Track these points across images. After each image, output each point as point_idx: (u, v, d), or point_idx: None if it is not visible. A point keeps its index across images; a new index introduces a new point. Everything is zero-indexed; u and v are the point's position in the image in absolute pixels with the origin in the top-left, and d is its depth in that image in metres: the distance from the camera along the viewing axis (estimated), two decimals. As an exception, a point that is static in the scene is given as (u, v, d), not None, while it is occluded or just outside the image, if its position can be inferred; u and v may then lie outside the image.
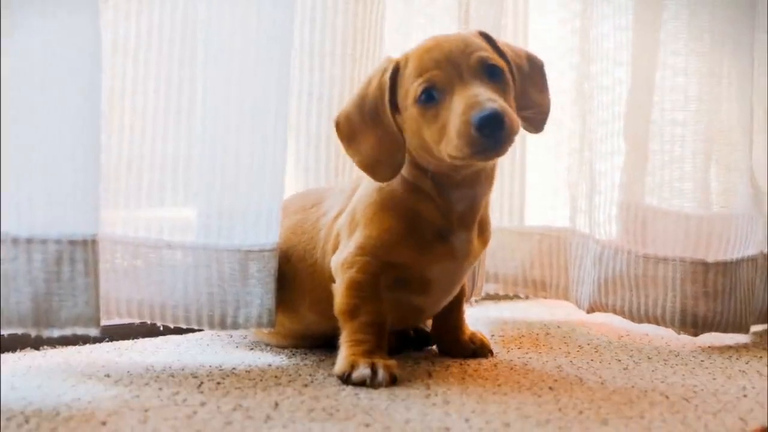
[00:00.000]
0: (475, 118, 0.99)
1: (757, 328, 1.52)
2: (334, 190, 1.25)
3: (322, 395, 1.00)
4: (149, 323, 1.19)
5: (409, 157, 1.11)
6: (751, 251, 1.43)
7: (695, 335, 1.39)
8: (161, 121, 1.17)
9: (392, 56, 1.11)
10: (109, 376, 1.07)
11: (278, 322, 1.19)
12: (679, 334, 1.40)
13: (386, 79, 1.09)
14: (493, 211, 1.25)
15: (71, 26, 1.00)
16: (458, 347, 1.24)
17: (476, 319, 1.30)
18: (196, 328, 1.19)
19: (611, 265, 1.44)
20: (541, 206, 1.66)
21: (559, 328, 1.49)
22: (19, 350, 1.20)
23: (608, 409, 0.97)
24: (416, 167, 1.11)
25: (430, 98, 1.05)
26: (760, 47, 1.52)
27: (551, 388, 1.06)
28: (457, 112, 1.01)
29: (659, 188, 1.44)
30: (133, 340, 1.30)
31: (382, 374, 1.05)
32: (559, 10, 1.59)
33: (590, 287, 1.47)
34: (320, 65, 1.36)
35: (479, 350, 1.24)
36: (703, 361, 1.26)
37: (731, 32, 1.43)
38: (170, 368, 1.12)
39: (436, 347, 1.27)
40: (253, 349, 1.26)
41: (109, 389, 1.01)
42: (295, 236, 1.20)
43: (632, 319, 1.43)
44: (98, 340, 1.26)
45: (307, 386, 1.05)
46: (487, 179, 1.13)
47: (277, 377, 1.09)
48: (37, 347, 1.21)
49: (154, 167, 1.17)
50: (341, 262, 1.12)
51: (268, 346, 1.28)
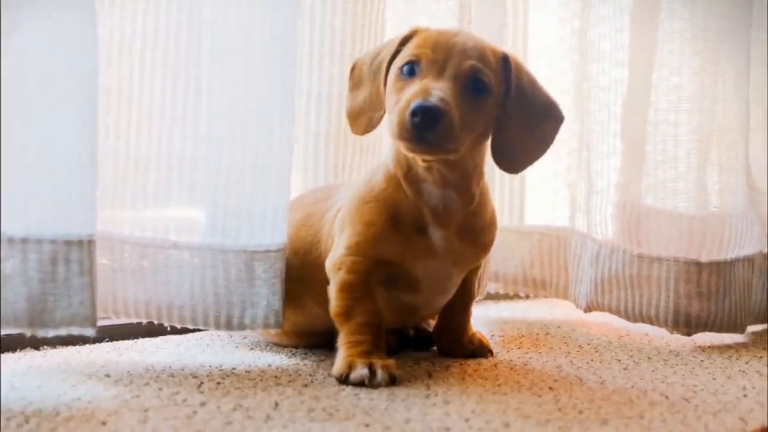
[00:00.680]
0: (413, 103, 1.01)
1: (756, 327, 1.52)
2: (344, 185, 1.26)
3: (322, 395, 1.00)
4: (149, 323, 1.19)
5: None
6: (746, 251, 1.43)
7: (688, 335, 1.40)
8: (168, 121, 1.17)
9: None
10: (109, 376, 1.07)
11: (284, 317, 1.19)
12: (672, 333, 1.41)
13: (397, 40, 1.12)
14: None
15: (68, 26, 1.00)
16: (458, 347, 1.24)
17: (476, 319, 1.30)
18: (202, 328, 1.19)
19: (607, 264, 1.44)
20: (541, 206, 1.66)
21: (559, 328, 1.49)
22: (19, 350, 1.20)
23: (608, 409, 0.97)
24: (397, 154, 1.12)
25: (410, 72, 1.07)
26: (759, 46, 1.52)
27: (551, 388, 1.06)
28: (409, 92, 1.03)
29: (655, 188, 1.45)
30: (133, 340, 1.29)
31: (380, 374, 1.05)
32: (559, 9, 1.60)
33: (587, 286, 1.47)
34: (319, 64, 1.36)
35: (479, 350, 1.24)
36: (703, 361, 1.26)
37: (728, 31, 1.43)
38: (170, 368, 1.12)
39: (436, 347, 1.27)
40: (253, 349, 1.26)
41: (109, 389, 1.01)
42: (304, 229, 1.21)
43: (627, 318, 1.43)
44: (98, 340, 1.26)
45: (307, 386, 1.05)
46: (457, 189, 1.12)
47: (277, 377, 1.09)
48: (37, 347, 1.21)
49: (160, 167, 1.17)
50: (332, 263, 1.13)
51: (268, 345, 1.28)
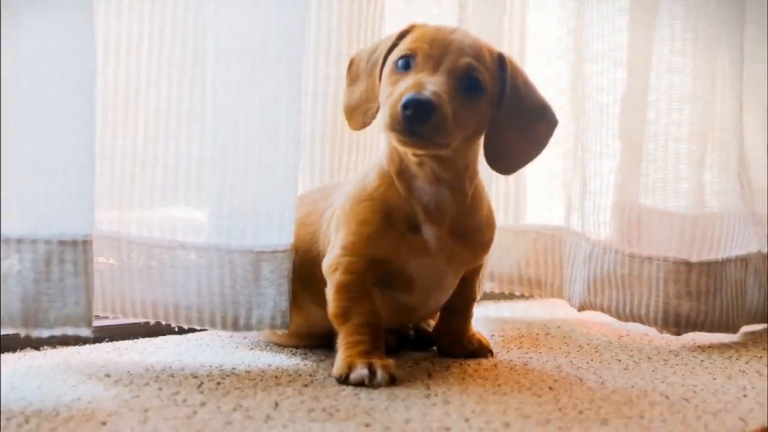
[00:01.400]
0: (406, 96, 1.01)
1: (754, 328, 1.52)
2: (342, 185, 1.26)
3: (322, 395, 1.00)
4: (149, 323, 1.19)
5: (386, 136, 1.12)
6: (739, 251, 1.43)
7: (678, 334, 1.40)
8: (174, 121, 1.17)
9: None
10: (109, 376, 1.07)
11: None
12: (661, 333, 1.41)
13: (394, 35, 1.13)
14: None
15: (66, 26, 1.00)
16: (458, 347, 1.24)
17: (476, 319, 1.30)
18: (208, 329, 1.20)
19: (600, 264, 1.44)
20: (537, 205, 1.66)
21: (559, 328, 1.49)
22: (19, 350, 1.20)
23: (608, 409, 0.97)
24: (391, 150, 1.12)
25: (405, 66, 1.07)
26: (757, 44, 1.52)
27: (551, 388, 1.06)
28: (402, 85, 1.04)
29: (653, 188, 1.45)
30: (133, 340, 1.29)
31: (380, 374, 1.05)
32: (558, 9, 1.59)
33: (581, 286, 1.47)
34: (315, 64, 1.36)
35: (478, 350, 1.24)
36: (703, 361, 1.26)
37: (723, 32, 1.43)
38: (170, 368, 1.12)
39: (436, 347, 1.27)
40: (253, 349, 1.26)
41: (109, 389, 1.01)
42: (303, 228, 1.21)
43: (618, 317, 1.44)
44: (98, 340, 1.26)
45: (307, 386, 1.05)
46: (450, 187, 1.12)
47: (277, 377, 1.09)
48: (37, 347, 1.21)
49: (167, 168, 1.17)
50: (328, 264, 1.13)
51: (268, 345, 1.28)
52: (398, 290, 1.15)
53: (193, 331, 1.32)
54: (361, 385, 1.04)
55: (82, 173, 1.02)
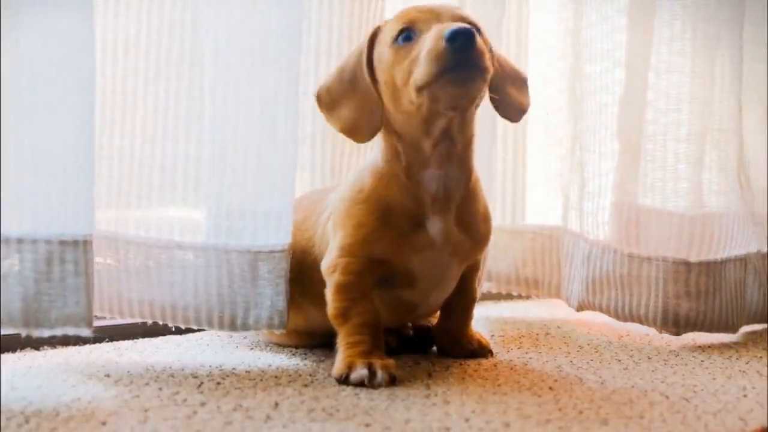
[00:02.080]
0: (446, 31, 1.00)
1: (754, 327, 1.52)
2: (339, 187, 1.26)
3: (322, 395, 1.00)
4: (149, 323, 1.19)
5: (385, 137, 1.12)
6: (738, 251, 1.43)
7: (677, 334, 1.40)
8: (172, 121, 1.17)
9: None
10: (109, 376, 1.07)
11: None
12: (660, 333, 1.41)
13: (365, 41, 1.12)
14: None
15: (66, 26, 1.00)
16: (458, 347, 1.24)
17: (476, 319, 1.30)
18: (206, 329, 1.19)
19: (599, 264, 1.44)
20: (536, 206, 1.67)
21: (559, 328, 1.49)
22: (19, 350, 1.20)
23: (608, 409, 0.97)
24: (390, 150, 1.12)
25: (407, 38, 1.06)
26: (760, 46, 1.52)
27: (551, 388, 1.06)
28: (430, 37, 1.03)
29: (652, 188, 1.45)
30: (133, 340, 1.29)
31: (380, 374, 1.05)
32: (559, 10, 1.59)
33: (579, 286, 1.47)
34: (315, 64, 1.36)
35: (478, 350, 1.24)
36: (703, 361, 1.26)
37: (722, 32, 1.43)
38: (170, 368, 1.12)
39: (436, 347, 1.27)
40: (253, 349, 1.26)
41: (109, 389, 1.01)
42: (299, 232, 1.21)
43: (617, 317, 1.44)
44: (98, 340, 1.26)
45: (307, 386, 1.05)
46: (458, 161, 1.12)
47: (277, 377, 1.09)
48: (37, 347, 1.21)
49: (165, 168, 1.17)
50: (327, 266, 1.13)
51: (268, 346, 1.28)
52: (399, 287, 1.15)
53: (192, 331, 1.32)
54: (361, 385, 1.04)
55: (82, 173, 1.02)
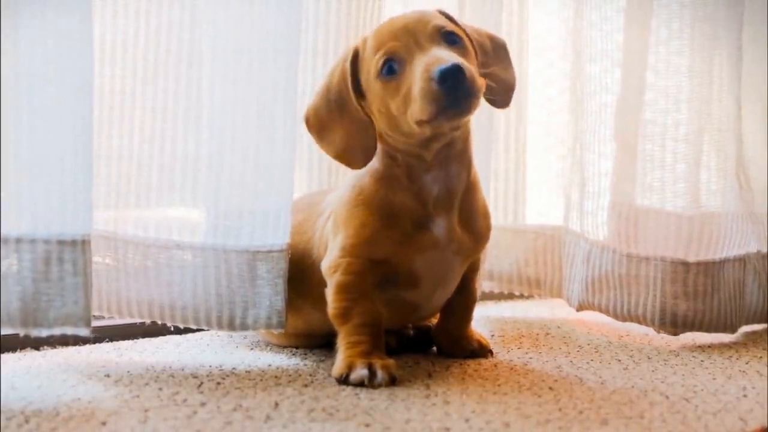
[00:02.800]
0: (435, 72, 1.00)
1: (754, 327, 1.52)
2: (336, 189, 1.25)
3: (322, 395, 1.00)
4: (149, 323, 1.19)
5: (380, 144, 1.12)
6: (737, 251, 1.43)
7: (675, 334, 1.40)
8: (170, 121, 1.17)
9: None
10: (109, 376, 1.07)
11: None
12: (658, 332, 1.41)
13: (347, 65, 1.10)
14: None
15: (64, 27, 1.00)
16: (458, 347, 1.24)
17: (476, 319, 1.30)
18: (204, 328, 1.20)
19: (598, 264, 1.44)
20: (537, 206, 1.67)
21: (559, 328, 1.49)
22: (19, 350, 1.20)
23: (608, 409, 0.97)
24: (387, 155, 1.12)
25: (390, 70, 1.06)
26: (757, 44, 1.52)
27: (551, 388, 1.06)
28: (418, 73, 1.02)
29: (650, 188, 1.45)
30: (133, 340, 1.29)
31: (380, 374, 1.05)
32: (561, 9, 1.59)
33: (579, 285, 1.47)
34: (313, 64, 1.36)
35: (478, 351, 1.23)
36: (703, 361, 1.26)
37: (720, 32, 1.43)
38: (170, 368, 1.12)
39: (436, 347, 1.27)
40: (253, 349, 1.26)
41: (109, 389, 1.01)
42: (298, 235, 1.21)
43: (616, 317, 1.44)
44: (98, 340, 1.26)
45: (307, 386, 1.05)
46: (459, 158, 1.12)
47: (277, 377, 1.09)
48: (37, 347, 1.21)
49: (163, 167, 1.17)
50: (328, 266, 1.13)
51: (268, 345, 1.28)
52: (402, 288, 1.14)
53: (192, 331, 1.32)
54: (361, 385, 1.04)
55: (80, 173, 1.02)
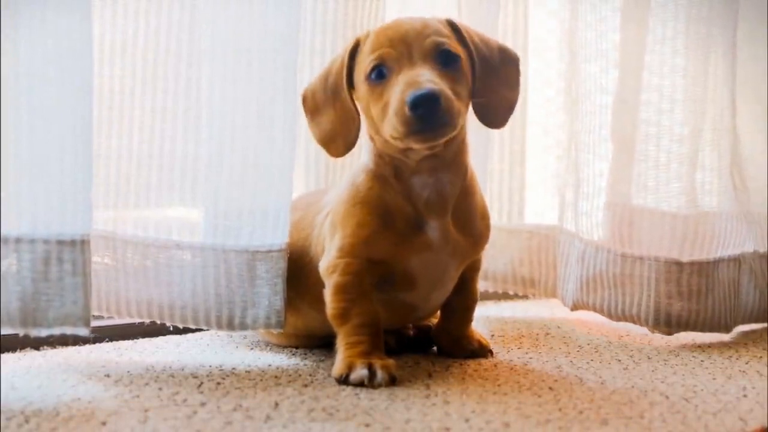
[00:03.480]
0: (409, 96, 1.00)
1: (752, 327, 1.52)
2: (333, 188, 1.25)
3: (322, 395, 1.00)
4: (149, 323, 1.19)
5: (371, 143, 1.13)
6: (732, 251, 1.44)
7: (669, 334, 1.40)
8: (169, 121, 1.17)
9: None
10: (109, 376, 1.07)
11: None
12: (652, 332, 1.41)
13: (346, 56, 1.11)
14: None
15: (64, 27, 1.00)
16: (458, 348, 1.24)
17: (476, 319, 1.30)
18: (204, 328, 1.20)
19: (592, 263, 1.44)
20: (533, 205, 1.67)
21: (559, 328, 1.49)
22: (19, 350, 1.20)
23: (608, 409, 0.97)
24: (377, 154, 1.12)
25: (379, 75, 1.07)
26: (756, 45, 1.52)
27: (551, 388, 1.06)
28: (397, 90, 1.03)
29: (643, 188, 1.45)
30: (133, 340, 1.29)
31: (380, 374, 1.05)
32: (560, 10, 1.59)
33: (574, 285, 1.48)
34: (310, 63, 1.36)
35: (478, 351, 1.23)
36: (703, 361, 1.26)
37: (716, 32, 1.43)
38: (170, 368, 1.12)
39: (436, 348, 1.27)
40: (253, 349, 1.26)
41: (109, 389, 1.01)
42: (296, 233, 1.21)
43: (610, 317, 1.44)
44: (98, 340, 1.27)
45: (307, 386, 1.05)
46: (449, 167, 1.12)
47: (277, 377, 1.09)
48: (37, 347, 1.21)
49: (162, 167, 1.17)
50: (326, 267, 1.13)
51: (268, 345, 1.28)
52: (399, 289, 1.15)
53: (192, 331, 1.32)
54: (361, 385, 1.04)
55: (79, 173, 1.02)
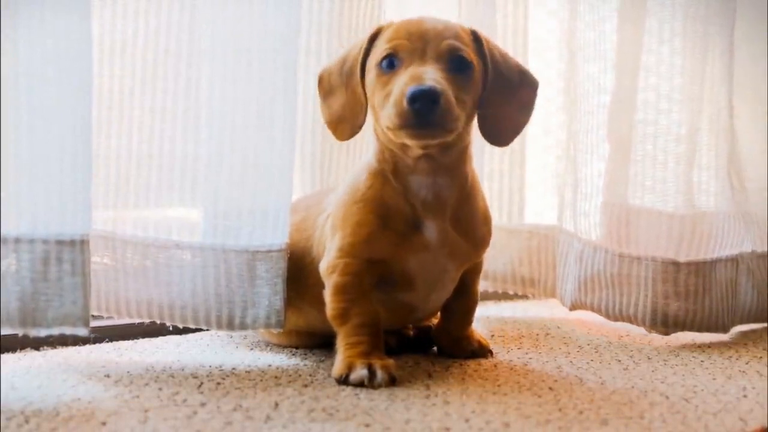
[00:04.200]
0: (409, 89, 1.01)
1: (753, 327, 1.52)
2: (335, 188, 1.26)
3: (322, 395, 1.00)
4: (149, 323, 1.19)
5: (376, 142, 1.13)
6: (729, 251, 1.44)
7: (666, 334, 1.40)
8: (169, 121, 1.17)
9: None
10: (109, 376, 1.07)
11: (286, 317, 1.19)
12: (649, 332, 1.41)
13: (365, 40, 1.12)
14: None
15: (63, 27, 1.00)
16: (458, 348, 1.24)
17: (476, 319, 1.30)
18: (203, 328, 1.20)
19: (591, 263, 1.45)
20: (533, 205, 1.67)
21: (559, 328, 1.49)
22: (19, 350, 1.20)
23: (608, 409, 0.97)
24: (379, 149, 1.13)
25: (390, 65, 1.07)
26: (754, 44, 1.52)
27: (551, 388, 1.06)
28: (400, 82, 1.04)
29: (640, 188, 1.45)
30: (133, 340, 1.29)
31: (380, 374, 1.05)
32: (560, 10, 1.59)
33: (572, 285, 1.48)
34: (305, 63, 1.36)
35: (478, 351, 1.23)
36: (703, 361, 1.26)
37: (714, 30, 1.43)
38: (170, 368, 1.12)
39: (436, 348, 1.27)
40: (253, 349, 1.26)
41: (109, 389, 1.01)
42: (298, 233, 1.21)
43: (608, 317, 1.44)
44: (98, 340, 1.26)
45: (307, 386, 1.05)
46: (448, 171, 1.12)
47: (277, 377, 1.09)
48: (37, 347, 1.21)
49: (162, 167, 1.17)
50: (325, 267, 1.13)
51: (268, 346, 1.28)
52: (399, 289, 1.15)
53: (192, 331, 1.32)
54: (361, 385, 1.04)
55: (79, 173, 1.02)
